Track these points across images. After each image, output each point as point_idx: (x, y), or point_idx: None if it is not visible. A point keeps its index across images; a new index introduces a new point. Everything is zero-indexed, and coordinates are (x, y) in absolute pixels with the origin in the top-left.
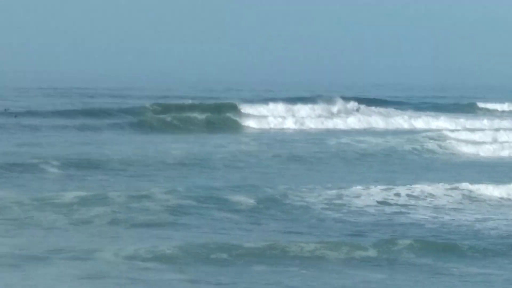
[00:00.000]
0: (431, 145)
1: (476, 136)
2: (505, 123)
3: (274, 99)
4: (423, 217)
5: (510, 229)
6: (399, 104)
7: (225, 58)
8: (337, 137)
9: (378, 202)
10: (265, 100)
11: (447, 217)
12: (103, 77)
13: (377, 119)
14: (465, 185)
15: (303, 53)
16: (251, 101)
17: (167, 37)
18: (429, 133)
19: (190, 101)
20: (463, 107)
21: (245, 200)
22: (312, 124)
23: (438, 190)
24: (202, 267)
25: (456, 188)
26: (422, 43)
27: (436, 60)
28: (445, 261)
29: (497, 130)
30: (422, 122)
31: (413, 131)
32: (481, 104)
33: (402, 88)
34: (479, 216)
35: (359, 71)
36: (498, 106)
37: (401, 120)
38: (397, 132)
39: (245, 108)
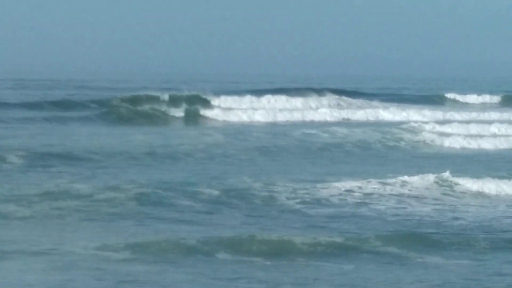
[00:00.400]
0: (403, 136)
1: (449, 128)
2: (477, 115)
3: (243, 91)
4: (386, 207)
5: (475, 220)
6: (369, 96)
7: (197, 50)
8: (307, 128)
9: (342, 192)
10: (234, 92)
11: (410, 208)
12: (71, 68)
13: (348, 111)
14: (432, 176)
15: (272, 45)
16: (220, 92)
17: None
18: (404, 126)
19: (158, 93)
20: (432, 98)
21: (210, 191)
22: (281, 116)
23: (400, 182)
24: (169, 257)
25: (426, 179)
26: (384, 34)
27: (398, 51)
28: (408, 251)
29: (469, 122)
30: (393, 113)
31: (384, 123)
32: (449, 95)
33: (367, 79)
34: (446, 208)
35: (327, 63)
36: (467, 98)
37: (373, 112)
38: (368, 124)
39: (214, 100)
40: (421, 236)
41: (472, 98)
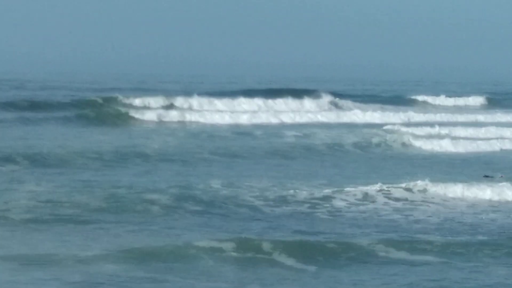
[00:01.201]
0: (378, 139)
1: (424, 131)
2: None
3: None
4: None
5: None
6: (343, 97)
7: (190, 51)
8: (267, 130)
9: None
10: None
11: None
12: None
13: (323, 113)
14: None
15: (226, 46)
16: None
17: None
18: (387, 127)
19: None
20: (403, 100)
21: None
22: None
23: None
24: (120, 264)
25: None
26: (344, 38)
27: (359, 55)
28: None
29: (443, 124)
30: (365, 115)
31: (357, 125)
32: (420, 98)
33: (333, 81)
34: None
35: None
36: (437, 100)
37: (340, 113)
38: (342, 126)
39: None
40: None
41: (441, 100)
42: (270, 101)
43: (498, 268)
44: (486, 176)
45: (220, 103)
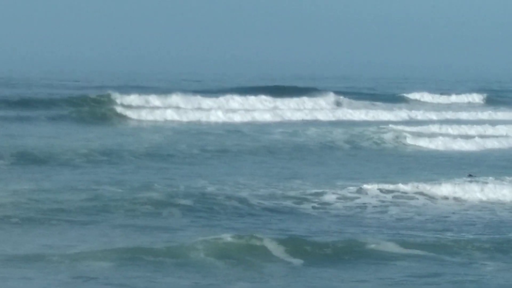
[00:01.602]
0: (368, 137)
1: (419, 129)
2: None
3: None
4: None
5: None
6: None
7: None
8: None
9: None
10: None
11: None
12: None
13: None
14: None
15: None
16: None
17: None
18: (382, 126)
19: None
20: (393, 98)
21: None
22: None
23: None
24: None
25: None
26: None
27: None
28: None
29: (438, 122)
30: (361, 114)
31: (352, 123)
32: (410, 95)
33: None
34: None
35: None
36: (432, 97)
37: (342, 111)
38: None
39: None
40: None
41: (430, 97)
42: (264, 99)
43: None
44: (470, 176)
45: (209, 101)
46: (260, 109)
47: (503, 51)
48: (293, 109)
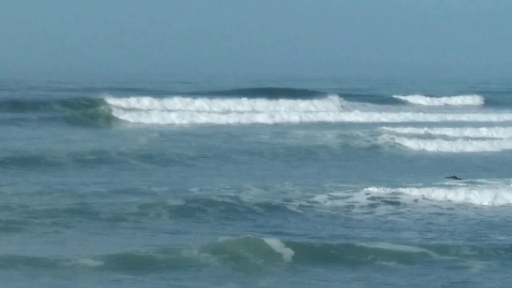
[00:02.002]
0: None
1: (412, 131)
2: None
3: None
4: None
5: None
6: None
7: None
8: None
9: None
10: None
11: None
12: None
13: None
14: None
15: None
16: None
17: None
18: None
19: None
20: (382, 99)
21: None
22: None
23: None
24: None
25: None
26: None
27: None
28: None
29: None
30: (355, 116)
31: (346, 125)
32: (397, 97)
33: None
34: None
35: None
36: (411, 98)
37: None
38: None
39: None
40: None
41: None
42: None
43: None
44: (451, 177)
45: (199, 102)
46: (255, 111)
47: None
48: (289, 111)
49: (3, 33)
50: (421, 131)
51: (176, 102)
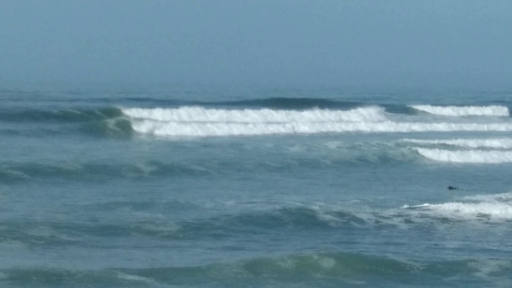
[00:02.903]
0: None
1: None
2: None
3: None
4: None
5: None
6: (344, 106)
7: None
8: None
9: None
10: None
11: None
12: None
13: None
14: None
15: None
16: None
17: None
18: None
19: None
20: (398, 109)
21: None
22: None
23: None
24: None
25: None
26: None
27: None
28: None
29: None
30: (368, 126)
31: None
32: (414, 106)
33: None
34: None
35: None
36: (430, 108)
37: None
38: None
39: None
40: None
41: (433, 108)
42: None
43: None
44: (451, 188)
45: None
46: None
47: None
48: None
49: (18, 46)
50: (441, 141)
51: (204, 112)
